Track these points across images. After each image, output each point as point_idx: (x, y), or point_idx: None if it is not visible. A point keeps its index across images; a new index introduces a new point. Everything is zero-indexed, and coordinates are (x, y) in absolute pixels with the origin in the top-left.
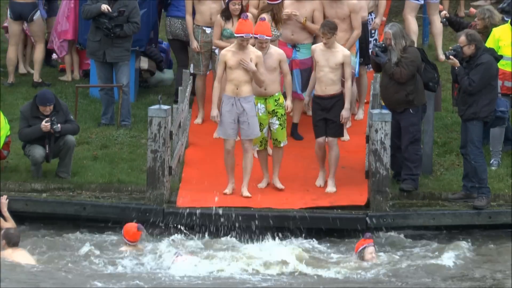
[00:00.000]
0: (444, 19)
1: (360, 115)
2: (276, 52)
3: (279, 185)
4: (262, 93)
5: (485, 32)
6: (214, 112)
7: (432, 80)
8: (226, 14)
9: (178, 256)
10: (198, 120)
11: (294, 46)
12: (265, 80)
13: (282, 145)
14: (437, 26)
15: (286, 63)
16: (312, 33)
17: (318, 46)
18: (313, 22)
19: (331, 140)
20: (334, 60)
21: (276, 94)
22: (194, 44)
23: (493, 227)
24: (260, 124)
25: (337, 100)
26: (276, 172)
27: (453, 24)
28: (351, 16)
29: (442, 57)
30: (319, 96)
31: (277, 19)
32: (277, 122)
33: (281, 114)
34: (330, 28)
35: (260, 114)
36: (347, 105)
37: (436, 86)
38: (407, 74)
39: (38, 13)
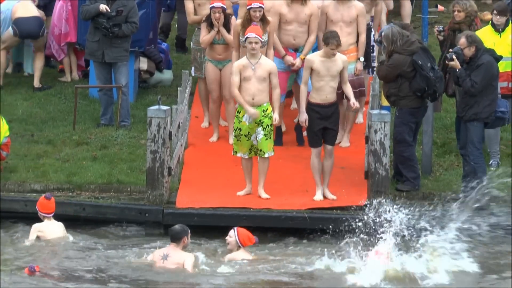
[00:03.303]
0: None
1: (360, 118)
2: (267, 63)
3: (264, 195)
4: (250, 102)
5: (467, 22)
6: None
7: (421, 91)
8: (209, 22)
9: (32, 270)
10: (205, 124)
11: (297, 49)
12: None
13: (266, 155)
14: (406, 8)
15: (276, 76)
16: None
17: (316, 57)
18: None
19: (331, 148)
20: (335, 68)
21: (264, 104)
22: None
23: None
24: (248, 133)
25: (336, 107)
26: (262, 183)
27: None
28: (359, 19)
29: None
30: (318, 104)
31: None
32: (262, 132)
33: (267, 125)
34: (339, 38)
35: (247, 124)
36: (352, 99)
37: (431, 98)
38: (382, 75)
39: (45, 29)
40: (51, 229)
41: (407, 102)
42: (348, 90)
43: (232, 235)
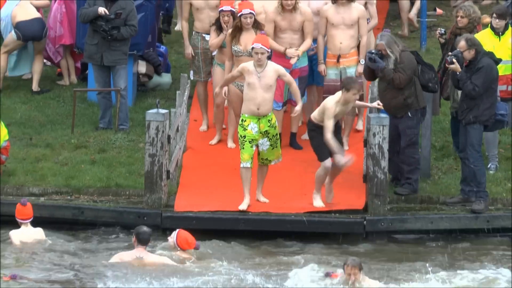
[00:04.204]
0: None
1: (360, 126)
2: (272, 68)
3: (262, 199)
4: (255, 112)
5: (469, 28)
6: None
7: (431, 81)
8: (218, 25)
9: (13, 278)
10: (204, 127)
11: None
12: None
13: (273, 163)
14: (404, 5)
15: (286, 74)
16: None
17: (338, 106)
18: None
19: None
20: (348, 109)
21: (269, 114)
22: (188, 50)
23: (491, 231)
24: (252, 140)
25: (339, 124)
26: (260, 187)
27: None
28: (360, 22)
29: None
30: (320, 126)
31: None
32: (268, 143)
33: (273, 135)
34: (361, 87)
35: (254, 133)
36: (373, 104)
37: (437, 86)
38: (405, 79)
39: (47, 30)
40: (28, 235)
41: (420, 101)
42: (363, 105)
43: (172, 236)
